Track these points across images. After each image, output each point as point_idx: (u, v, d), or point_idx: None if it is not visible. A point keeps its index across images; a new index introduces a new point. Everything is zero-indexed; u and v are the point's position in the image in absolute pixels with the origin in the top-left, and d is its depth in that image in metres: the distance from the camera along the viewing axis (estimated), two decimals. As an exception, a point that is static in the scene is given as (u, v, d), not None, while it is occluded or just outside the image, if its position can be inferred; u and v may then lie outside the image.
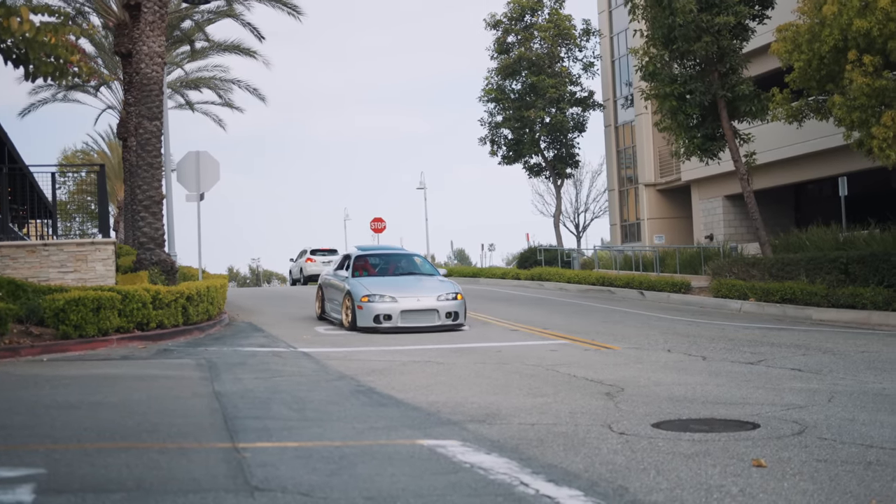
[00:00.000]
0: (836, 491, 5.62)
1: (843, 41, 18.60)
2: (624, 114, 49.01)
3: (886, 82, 18.23)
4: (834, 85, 19.80)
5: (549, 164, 45.14)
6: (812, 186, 40.65)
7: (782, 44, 20.50)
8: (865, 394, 9.77)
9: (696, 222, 42.90)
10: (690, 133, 26.16)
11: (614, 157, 50.64)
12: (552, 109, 43.65)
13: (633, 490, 5.72)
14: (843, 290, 20.30)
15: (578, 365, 12.73)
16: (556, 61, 44.54)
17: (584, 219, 66.98)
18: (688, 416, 8.43)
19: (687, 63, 26.19)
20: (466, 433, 7.69)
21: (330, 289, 19.81)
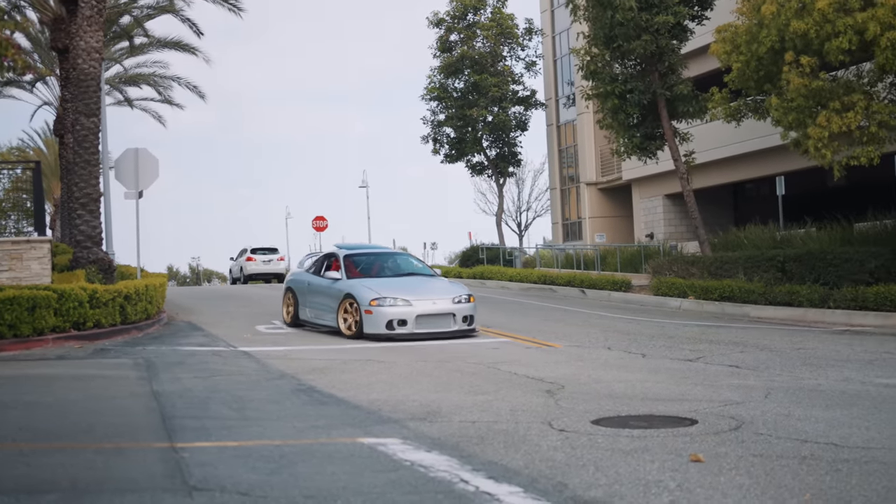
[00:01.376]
0: (772, 485, 5.71)
1: (780, 42, 18.87)
2: (566, 113, 49.32)
3: (823, 83, 18.54)
4: (772, 85, 20.09)
5: (492, 163, 45.27)
6: (750, 186, 41.24)
7: (721, 44, 20.76)
8: (801, 390, 9.93)
9: (637, 221, 43.31)
10: (631, 132, 26.40)
11: (556, 156, 50.94)
12: (495, 108, 43.76)
13: (572, 486, 5.76)
14: (780, 288, 20.61)
15: (520, 363, 12.78)
16: (499, 60, 44.65)
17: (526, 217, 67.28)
18: (627, 413, 8.51)
19: (627, 62, 26.43)
20: (407, 431, 7.69)
21: (311, 293, 18.07)
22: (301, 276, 19.11)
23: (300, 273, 19.46)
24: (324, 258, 18.93)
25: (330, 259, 18.54)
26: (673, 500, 5.41)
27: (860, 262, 20.25)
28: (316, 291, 17.98)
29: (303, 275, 19.05)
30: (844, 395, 9.46)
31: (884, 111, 18.27)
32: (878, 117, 18.26)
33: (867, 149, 18.45)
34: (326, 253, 19.46)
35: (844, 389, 9.90)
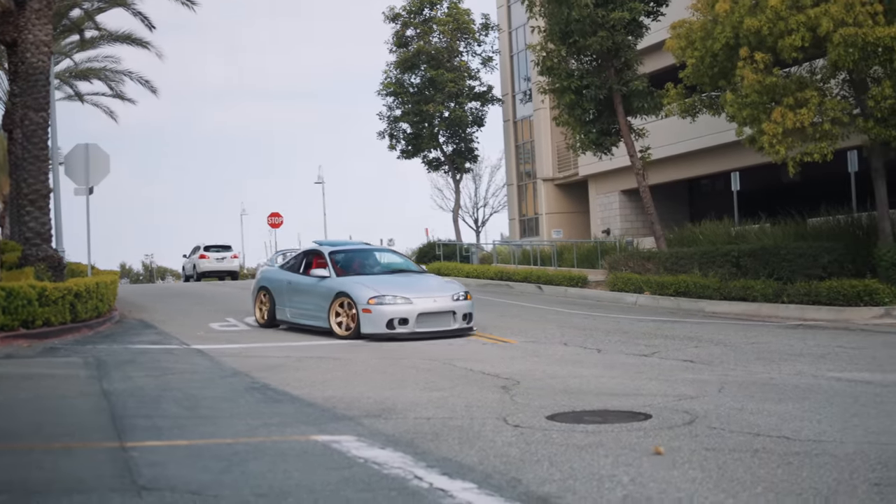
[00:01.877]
0: (724, 478, 5.76)
1: (735, 39, 19.03)
2: (522, 108, 49.43)
3: (776, 79, 18.71)
4: (726, 81, 20.25)
5: (449, 159, 45.26)
6: (706, 181, 41.57)
7: (676, 40, 20.89)
8: (754, 384, 10.03)
9: (594, 217, 43.53)
10: (587, 128, 26.52)
11: (513, 152, 51.07)
12: (451, 104, 43.75)
13: (526, 481, 5.78)
14: (734, 283, 20.80)
15: (476, 359, 12.80)
16: (455, 55, 44.64)
17: (483, 213, 67.34)
18: (582, 408, 8.55)
19: (584, 58, 26.53)
20: (362, 428, 7.67)
21: (293, 291, 17.35)
22: (276, 273, 18.39)
23: (274, 271, 18.74)
24: (303, 255, 18.29)
25: (310, 256, 17.90)
26: (626, 494, 5.44)
27: (813, 257, 20.49)
28: (299, 290, 17.28)
29: (278, 272, 18.38)
30: (797, 389, 9.57)
31: (836, 107, 18.48)
32: (831, 113, 18.48)
33: (820, 145, 18.66)
34: (306, 250, 18.73)
35: (797, 383, 10.01)
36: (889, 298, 17.38)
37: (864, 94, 18.73)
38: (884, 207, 20.06)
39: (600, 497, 5.39)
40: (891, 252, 18.11)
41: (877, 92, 17.90)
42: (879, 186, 19.99)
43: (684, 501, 5.25)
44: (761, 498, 5.29)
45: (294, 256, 18.83)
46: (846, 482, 5.61)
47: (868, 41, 17.22)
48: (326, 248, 17.90)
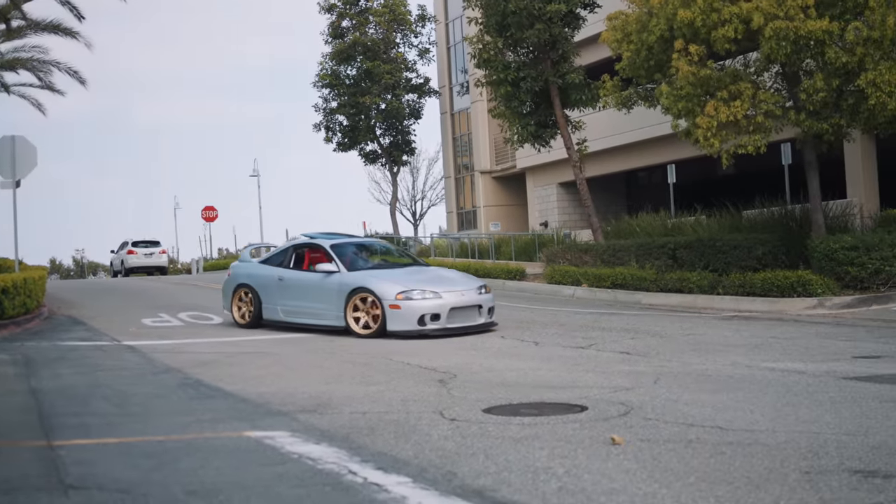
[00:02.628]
0: (658, 469, 5.83)
1: (669, 31, 19.23)
2: (460, 101, 49.50)
3: (711, 72, 18.95)
4: (661, 74, 20.45)
5: (386, 152, 45.21)
6: (643, 174, 42.00)
7: (612, 33, 21.06)
8: (689, 375, 10.16)
9: (532, 209, 43.74)
10: (524, 120, 26.64)
11: (450, 145, 51.12)
12: (388, 96, 43.70)
13: (461, 475, 5.79)
14: (670, 275, 21.05)
15: (413, 353, 12.81)
16: (392, 47, 44.58)
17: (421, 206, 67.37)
18: (518, 401, 8.59)
19: (520, 50, 26.64)
20: (296, 424, 7.64)
21: (289, 288, 16.44)
22: (258, 269, 17.25)
23: (253, 266, 17.53)
24: (291, 249, 17.24)
25: (300, 250, 17.05)
26: (561, 486, 5.48)
27: (748, 248, 20.80)
28: (296, 287, 16.35)
29: (260, 268, 17.22)
30: (731, 380, 9.70)
31: (769, 100, 18.76)
32: (765, 106, 18.75)
33: (754, 137, 18.93)
34: (296, 244, 17.52)
35: (731, 374, 10.15)
36: (822, 289, 17.70)
37: (796, 87, 19.05)
38: (816, 199, 20.42)
39: (535, 489, 5.42)
40: (823, 243, 18.45)
41: (808, 85, 18.21)
42: (812, 179, 20.34)
43: (617, 492, 5.30)
44: (694, 487, 5.36)
45: (278, 251, 17.67)
46: (777, 470, 5.70)
47: (800, 34, 17.50)
48: (324, 241, 16.90)
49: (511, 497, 5.27)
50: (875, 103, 17.50)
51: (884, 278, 17.60)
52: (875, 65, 17.53)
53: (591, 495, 5.27)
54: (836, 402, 8.10)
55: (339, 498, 5.34)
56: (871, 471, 5.64)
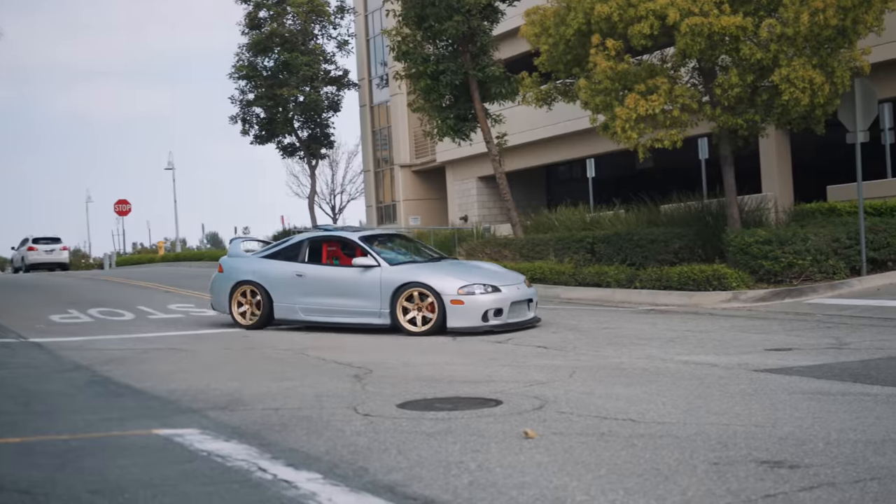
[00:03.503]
0: (569, 461, 5.90)
1: (587, 25, 19.40)
2: (379, 94, 49.44)
3: (628, 66, 19.17)
4: (580, 69, 20.63)
5: (304, 144, 44.91)
6: (563, 168, 42.39)
7: (530, 27, 21.17)
8: (604, 368, 10.29)
9: (452, 203, 43.89)
10: (443, 114, 26.68)
11: (370, 138, 51.04)
12: (306, 88, 43.41)
13: (373, 470, 5.80)
14: (589, 269, 21.26)
15: (329, 348, 12.79)
16: (310, 38, 44.28)
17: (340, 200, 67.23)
18: (433, 396, 8.62)
19: (440, 43, 26.65)
20: (207, 421, 7.57)
21: (312, 284, 15.37)
22: (264, 264, 16.06)
23: (255, 261, 16.27)
24: (307, 243, 16.00)
25: (315, 244, 16.01)
26: (472, 480, 5.52)
27: (665, 242, 21.11)
28: (324, 283, 15.34)
29: (268, 263, 16.03)
30: (646, 373, 9.86)
31: (686, 95, 19.04)
32: (681, 101, 19.03)
33: (671, 132, 19.20)
34: (311, 237, 16.32)
35: (646, 367, 10.31)
36: (736, 283, 18.03)
37: (712, 83, 19.35)
38: (732, 194, 20.79)
39: (446, 483, 5.45)
40: (738, 237, 18.79)
41: (723, 80, 18.53)
42: (728, 173, 20.70)
43: (528, 485, 5.36)
44: (604, 479, 5.44)
45: (286, 244, 16.37)
46: (686, 462, 5.81)
47: (714, 30, 17.79)
48: (354, 234, 15.96)
49: (422, 492, 5.30)
50: (789, 99, 17.87)
51: (796, 272, 18.00)
52: (788, 61, 17.90)
53: (501, 489, 5.31)
54: (747, 395, 8.27)
55: (247, 495, 5.31)
56: (778, 461, 5.78)
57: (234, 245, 17.30)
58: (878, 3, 17.97)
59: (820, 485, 5.23)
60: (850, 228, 18.48)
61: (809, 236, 18.04)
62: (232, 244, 17.46)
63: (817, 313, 15.20)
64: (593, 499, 5.08)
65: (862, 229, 18.03)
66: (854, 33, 18.11)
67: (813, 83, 17.65)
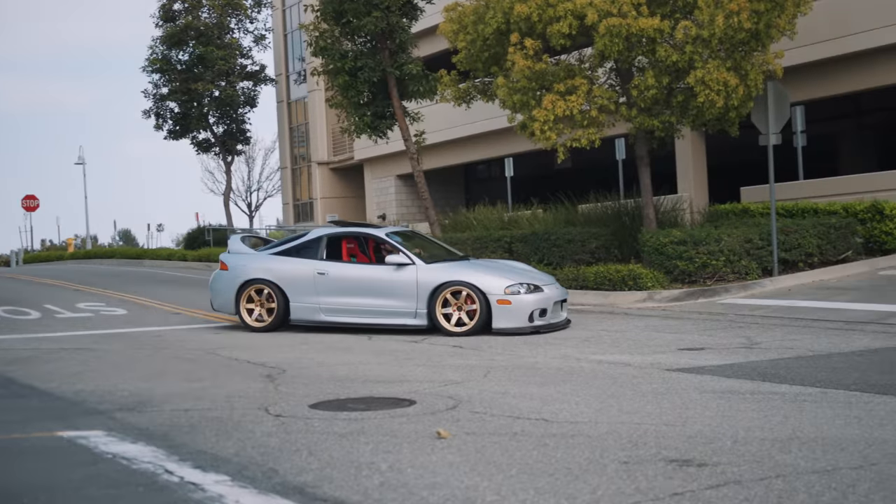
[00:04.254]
0: (481, 461, 5.93)
1: (506, 24, 19.50)
2: (297, 90, 49.13)
3: (546, 66, 19.31)
4: (498, 67, 20.73)
5: (219, 140, 44.42)
6: (482, 167, 42.58)
7: (449, 24, 21.21)
8: (519, 368, 10.37)
9: (370, 202, 43.80)
10: (361, 111, 26.58)
11: (287, 134, 50.71)
12: (222, 83, 42.96)
13: (282, 472, 5.77)
14: (506, 269, 21.36)
15: (242, 348, 12.68)
16: (226, 32, 43.83)
17: (257, 198, 66.61)
18: (347, 396, 8.60)
19: (358, 39, 26.56)
20: (113, 422, 7.46)
21: (329, 284, 14.71)
22: (277, 262, 15.25)
23: (266, 258, 15.44)
24: (325, 239, 15.32)
25: (334, 242, 15.37)
26: (383, 480, 5.52)
27: (582, 242, 21.31)
28: (350, 282, 14.70)
29: (282, 260, 15.23)
30: (560, 372, 9.96)
31: (603, 96, 19.26)
32: (599, 101, 19.24)
33: (588, 131, 19.40)
34: (330, 233, 15.55)
35: (560, 366, 10.41)
36: (651, 283, 18.28)
37: (629, 84, 19.60)
38: (648, 194, 21.08)
39: (357, 484, 5.44)
40: (654, 238, 19.05)
41: (640, 81, 18.77)
42: (644, 174, 20.99)
43: (440, 486, 5.38)
44: (515, 479, 5.48)
45: (300, 241, 15.59)
46: (597, 461, 5.89)
47: (632, 32, 18.02)
48: (380, 231, 15.53)
49: (332, 493, 5.28)
50: (703, 101, 18.18)
51: (710, 272, 18.31)
52: (703, 63, 18.21)
53: (412, 489, 5.32)
54: (659, 394, 8.40)
55: (152, 498, 5.24)
56: (687, 459, 5.88)
57: (235, 241, 16.31)
58: (790, 7, 18.39)
59: (726, 483, 5.34)
60: (763, 229, 18.86)
61: (723, 237, 18.36)
62: (232, 240, 16.38)
63: (730, 313, 15.49)
64: (504, 499, 5.11)
65: (774, 230, 18.41)
66: (767, 37, 18.51)
67: (727, 85, 17.98)
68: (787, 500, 5.00)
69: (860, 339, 12.09)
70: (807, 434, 6.60)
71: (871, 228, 20.22)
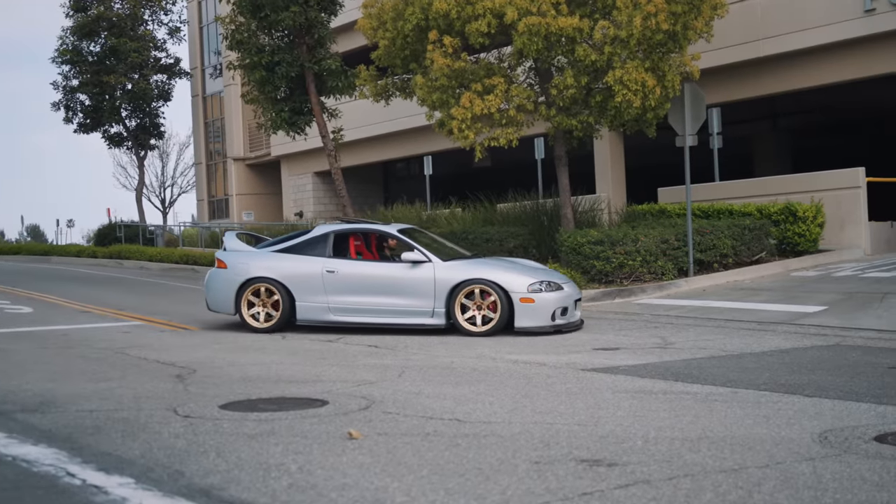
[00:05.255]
0: (392, 462, 5.93)
1: (425, 21, 19.54)
2: (213, 84, 48.60)
3: (465, 64, 19.40)
4: (417, 65, 20.76)
5: (132, 135, 43.75)
6: (401, 165, 42.60)
7: (368, 20, 21.17)
8: (434, 368, 10.39)
9: (287, 199, 43.53)
10: (278, 106, 26.41)
11: (202, 129, 50.15)
12: (135, 75, 42.32)
13: (189, 473, 5.70)
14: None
15: (151, 347, 12.51)
16: (140, 24, 43.19)
17: (171, 193, 65.81)
18: (258, 396, 8.54)
19: (276, 33, 26.37)
20: (14, 424, 7.30)
21: (339, 282, 14.27)
22: (281, 259, 14.77)
23: (267, 256, 14.94)
24: (332, 236, 14.86)
25: (342, 238, 14.97)
26: (292, 482, 5.49)
27: (500, 241, 21.45)
28: (362, 280, 14.30)
29: (285, 258, 14.76)
30: (475, 372, 10.00)
31: (522, 95, 19.40)
32: (517, 101, 19.38)
33: (506, 131, 19.54)
34: (337, 230, 15.12)
35: (475, 366, 10.46)
36: (569, 283, 18.47)
37: (548, 83, 19.77)
38: (566, 194, 21.28)
39: (265, 486, 5.41)
40: (571, 238, 19.23)
41: (559, 81, 18.95)
42: (562, 174, 21.19)
43: (349, 487, 5.37)
44: (425, 480, 5.50)
45: (307, 238, 15.07)
46: (508, 461, 5.93)
47: (551, 31, 18.18)
48: (391, 228, 15.24)
49: (239, 495, 5.24)
50: (621, 101, 18.42)
51: (627, 272, 18.54)
52: (622, 64, 18.45)
53: (322, 491, 5.30)
54: (573, 394, 8.49)
55: (52, 502, 5.14)
56: (597, 459, 5.96)
57: (232, 238, 15.68)
58: (707, 10, 18.72)
59: (636, 482, 5.41)
60: (679, 230, 19.17)
61: (640, 237, 18.61)
62: (228, 237, 15.74)
63: (645, 313, 15.71)
64: (414, 500, 5.12)
65: (689, 231, 18.72)
66: (684, 39, 18.82)
67: (645, 86, 18.24)
68: (695, 499, 5.09)
69: (772, 340, 12.36)
70: (716, 433, 6.73)
71: (785, 230, 20.67)
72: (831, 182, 22.16)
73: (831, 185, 22.04)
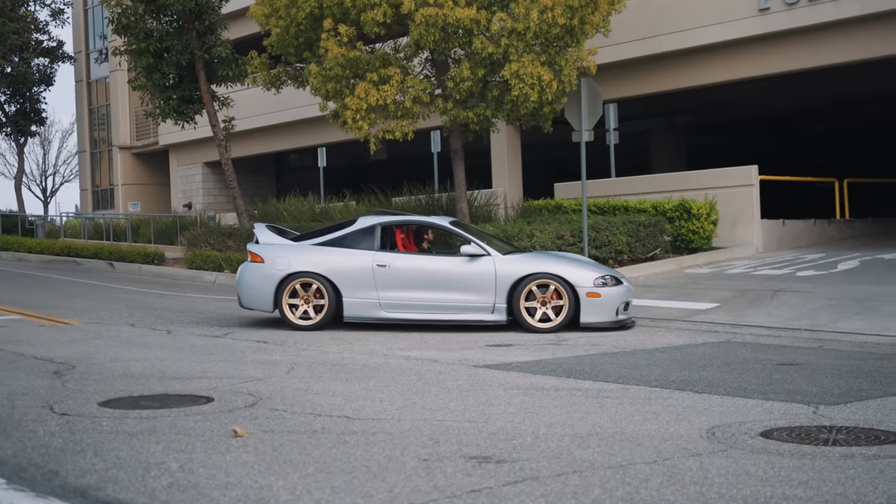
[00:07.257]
0: (277, 460, 5.90)
1: (319, 9, 19.44)
2: (98, 69, 47.59)
3: (360, 54, 19.37)
4: (311, 53, 20.66)
5: (11, 120, 42.57)
6: (294, 156, 42.30)
7: (260, 7, 20.99)
8: (325, 364, 10.35)
9: (175, 189, 42.90)
10: (166, 94, 26.02)
11: (86, 116, 49.10)
12: (14, 58, 41.19)
13: (64, 473, 5.59)
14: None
15: (28, 342, 12.21)
16: (21, 5, 42.04)
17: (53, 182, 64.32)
18: (140, 393, 8.40)
19: (164, 19, 25.96)
20: None
21: (391, 278, 13.71)
22: (325, 253, 14.09)
23: (309, 249, 14.24)
24: (378, 228, 14.20)
25: (389, 231, 14.32)
26: (173, 481, 5.42)
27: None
28: (416, 274, 13.79)
29: (329, 252, 14.08)
30: (366, 369, 10.00)
31: (418, 86, 19.44)
32: (413, 92, 19.42)
33: (402, 123, 19.57)
34: (383, 222, 14.37)
35: (367, 363, 10.45)
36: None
37: (444, 75, 19.84)
38: (462, 188, 21.41)
39: (144, 485, 5.33)
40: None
41: (456, 73, 19.04)
42: (458, 167, 21.30)
43: (232, 486, 5.32)
44: (311, 478, 5.48)
45: (350, 231, 14.38)
46: (397, 459, 5.94)
47: (449, 22, 18.24)
48: (443, 220, 14.75)
49: (116, 495, 5.15)
50: (518, 94, 18.58)
51: (522, 268, 18.72)
52: (518, 57, 18.61)
53: (203, 490, 5.25)
54: (464, 390, 8.55)
55: (-84, 504, 5.00)
56: (486, 456, 6.01)
57: (264, 230, 14.84)
58: (604, 4, 18.99)
59: (524, 479, 5.48)
60: (575, 226, 19.41)
61: (535, 233, 18.80)
62: (260, 229, 14.92)
63: (540, 309, 15.87)
64: (298, 498, 5.10)
65: (585, 227, 18.97)
66: (581, 33, 19.07)
67: (541, 80, 18.43)
68: (582, 495, 5.17)
69: (664, 336, 12.62)
70: (606, 430, 6.84)
71: (679, 227, 21.11)
72: (725, 180, 22.70)
73: (725, 183, 22.58)
